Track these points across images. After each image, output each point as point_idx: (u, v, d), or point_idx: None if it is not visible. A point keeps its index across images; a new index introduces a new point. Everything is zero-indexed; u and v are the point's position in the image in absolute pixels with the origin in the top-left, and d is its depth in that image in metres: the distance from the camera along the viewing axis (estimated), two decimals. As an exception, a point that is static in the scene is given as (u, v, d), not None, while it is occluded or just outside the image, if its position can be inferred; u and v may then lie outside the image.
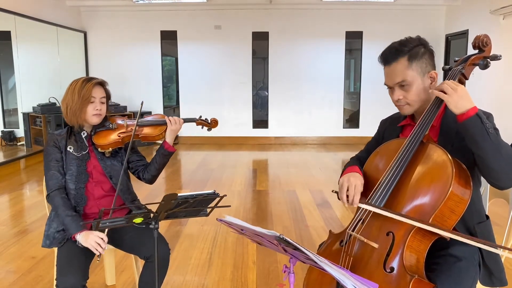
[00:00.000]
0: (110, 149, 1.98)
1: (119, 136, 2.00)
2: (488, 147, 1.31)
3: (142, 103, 2.16)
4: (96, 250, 1.73)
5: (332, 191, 1.65)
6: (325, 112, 8.33)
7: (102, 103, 1.98)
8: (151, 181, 2.11)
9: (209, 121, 2.23)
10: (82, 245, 1.77)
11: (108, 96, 2.03)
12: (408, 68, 1.49)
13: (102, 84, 2.00)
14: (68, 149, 1.95)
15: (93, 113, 1.94)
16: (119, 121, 2.08)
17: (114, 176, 2.00)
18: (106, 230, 1.82)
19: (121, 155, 2.05)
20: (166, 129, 2.05)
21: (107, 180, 2.00)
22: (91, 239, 1.74)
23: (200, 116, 2.22)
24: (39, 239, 3.12)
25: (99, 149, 1.97)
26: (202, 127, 2.24)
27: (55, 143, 1.95)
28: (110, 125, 2.04)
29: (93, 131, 2.02)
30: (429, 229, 1.31)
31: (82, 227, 1.80)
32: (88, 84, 1.93)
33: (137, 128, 2.03)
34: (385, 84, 1.57)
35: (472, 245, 1.45)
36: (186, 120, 2.12)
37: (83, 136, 1.99)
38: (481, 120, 1.31)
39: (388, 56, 1.53)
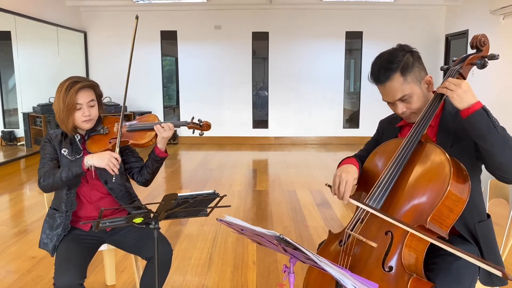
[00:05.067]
0: None
1: (110, 142, 1.92)
2: (496, 141, 1.30)
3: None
4: (112, 170, 1.77)
5: (326, 184, 1.66)
6: (325, 112, 8.33)
7: (91, 106, 1.88)
8: (145, 184, 2.06)
9: (201, 124, 2.05)
10: (95, 167, 1.78)
11: (98, 97, 1.94)
12: (404, 83, 1.48)
13: (88, 86, 1.88)
14: (62, 152, 1.89)
15: (82, 119, 1.86)
16: (115, 125, 1.97)
17: (110, 181, 1.94)
18: (117, 150, 1.83)
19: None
20: (156, 135, 1.94)
21: (102, 184, 1.95)
22: (107, 159, 1.77)
23: (192, 118, 2.08)
24: (38, 239, 3.13)
25: None
26: (194, 131, 2.10)
27: (50, 142, 1.90)
28: (102, 130, 1.95)
29: (86, 135, 1.95)
30: (419, 235, 1.31)
31: (81, 160, 1.79)
32: (71, 90, 1.81)
33: (126, 133, 1.94)
34: (384, 100, 1.56)
35: (471, 244, 1.46)
36: (177, 125, 2.00)
37: (77, 139, 1.93)
38: (487, 114, 1.31)
39: (380, 76, 1.50)
